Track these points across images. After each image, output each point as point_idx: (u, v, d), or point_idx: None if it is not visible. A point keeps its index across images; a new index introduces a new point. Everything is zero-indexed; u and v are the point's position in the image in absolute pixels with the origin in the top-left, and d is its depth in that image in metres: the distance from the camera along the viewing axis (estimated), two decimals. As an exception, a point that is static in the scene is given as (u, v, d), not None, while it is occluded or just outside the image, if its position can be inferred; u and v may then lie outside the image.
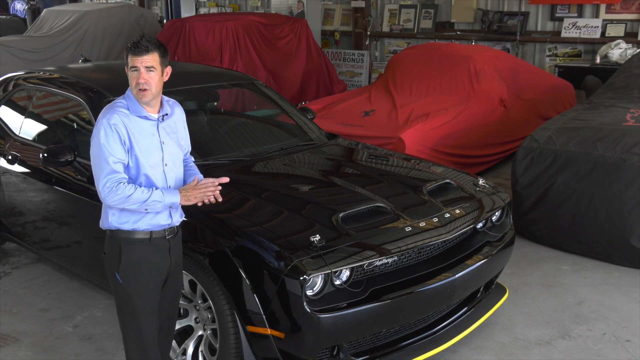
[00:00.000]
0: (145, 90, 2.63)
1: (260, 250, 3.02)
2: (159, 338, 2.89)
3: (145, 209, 2.65)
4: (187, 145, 2.98)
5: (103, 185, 2.60)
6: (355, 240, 3.11)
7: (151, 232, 2.73)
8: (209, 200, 2.75)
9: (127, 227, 2.70)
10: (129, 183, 2.63)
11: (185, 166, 2.96)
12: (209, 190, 2.72)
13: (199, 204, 2.76)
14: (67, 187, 3.92)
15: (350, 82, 11.08)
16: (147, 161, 2.68)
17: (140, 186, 2.67)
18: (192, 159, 3.06)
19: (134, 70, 2.62)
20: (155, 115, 2.73)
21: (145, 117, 2.70)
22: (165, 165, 2.74)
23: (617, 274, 4.62)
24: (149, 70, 2.62)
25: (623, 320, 3.99)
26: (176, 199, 2.68)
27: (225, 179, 2.80)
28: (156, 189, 2.66)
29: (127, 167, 2.66)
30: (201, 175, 2.96)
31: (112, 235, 2.73)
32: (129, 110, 2.67)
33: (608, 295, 4.32)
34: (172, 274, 2.85)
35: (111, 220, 2.70)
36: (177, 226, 2.85)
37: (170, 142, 2.78)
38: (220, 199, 2.77)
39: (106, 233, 2.75)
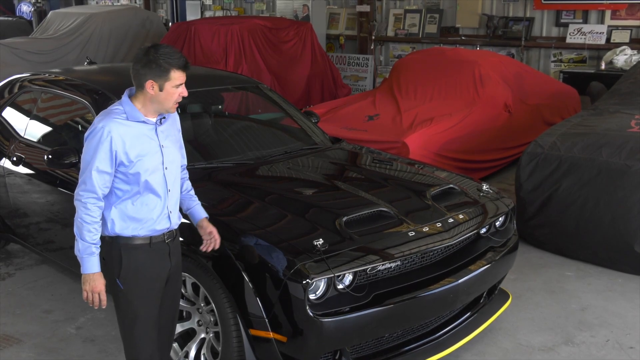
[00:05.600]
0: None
1: (263, 253, 3.02)
2: (159, 340, 2.89)
3: (75, 239, 2.67)
4: (184, 156, 2.98)
5: (78, 193, 2.64)
6: (358, 245, 3.11)
7: (151, 238, 2.73)
8: (89, 301, 2.71)
9: (127, 233, 2.70)
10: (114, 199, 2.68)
11: (186, 192, 3.00)
12: (94, 301, 2.70)
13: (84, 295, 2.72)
14: (71, 189, 3.92)
15: (355, 86, 11.09)
16: (147, 166, 2.67)
17: (139, 194, 2.68)
18: (190, 184, 3.06)
19: (179, 86, 2.64)
20: (154, 119, 2.73)
21: (144, 122, 2.69)
22: (166, 168, 2.74)
23: (621, 281, 4.60)
24: None
25: (627, 327, 3.98)
26: (86, 268, 2.66)
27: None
28: (94, 244, 2.64)
29: (126, 174, 2.65)
30: (204, 213, 3.01)
31: (112, 241, 2.72)
32: (126, 115, 2.66)
33: (612, 301, 4.30)
34: (172, 276, 2.86)
35: (111, 226, 2.69)
36: (175, 229, 2.85)
37: (170, 145, 2.78)
38: (96, 307, 2.72)
39: (105, 239, 2.73)
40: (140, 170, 2.66)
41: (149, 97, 2.64)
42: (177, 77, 2.61)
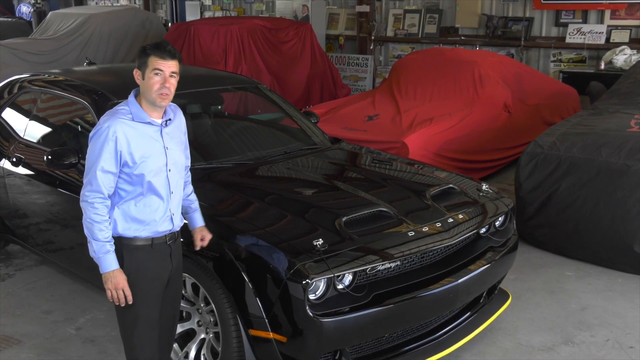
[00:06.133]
0: (167, 95, 2.64)
1: (263, 253, 3.02)
2: (159, 341, 2.88)
3: (88, 241, 2.67)
4: (188, 157, 2.98)
5: (84, 194, 2.65)
6: (358, 245, 3.11)
7: (152, 239, 2.74)
8: (115, 299, 2.70)
9: (129, 234, 2.70)
10: (118, 200, 2.68)
11: (186, 197, 2.99)
12: (120, 298, 2.68)
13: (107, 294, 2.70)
14: (71, 190, 3.93)
15: (354, 86, 11.09)
16: (151, 167, 2.68)
17: (142, 195, 2.68)
18: (195, 196, 3.07)
19: (158, 73, 2.61)
20: (159, 121, 2.73)
21: (149, 123, 2.69)
22: (169, 170, 2.74)
23: (621, 280, 4.60)
24: (172, 76, 2.64)
25: (627, 327, 3.98)
26: (104, 267, 2.64)
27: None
28: (108, 242, 2.64)
29: (129, 175, 2.66)
30: (202, 221, 3.04)
31: (114, 242, 2.71)
32: (132, 116, 2.67)
33: (612, 301, 4.30)
34: (172, 278, 2.86)
35: (113, 227, 2.69)
36: (177, 231, 2.85)
37: (174, 147, 2.78)
38: (123, 304, 2.71)
39: None
40: (144, 172, 2.66)
41: (140, 89, 2.67)
42: (154, 62, 2.60)
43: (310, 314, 2.89)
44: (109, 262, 2.65)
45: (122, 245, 2.71)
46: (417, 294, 3.19)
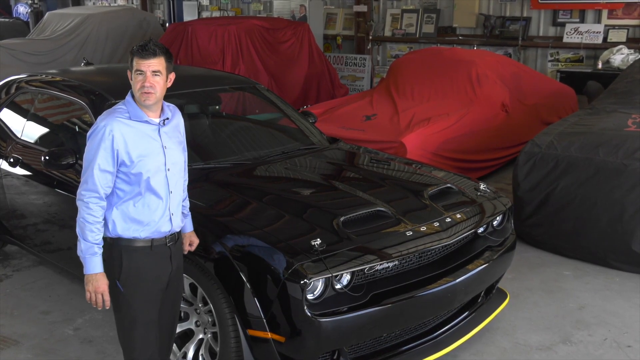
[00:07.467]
0: (149, 93, 2.61)
1: (261, 253, 3.02)
2: (159, 342, 2.87)
3: (78, 239, 2.68)
4: (185, 159, 2.93)
5: (80, 193, 2.66)
6: (356, 245, 3.11)
7: (152, 240, 2.73)
8: (93, 302, 2.70)
9: (128, 235, 2.69)
10: (113, 200, 2.68)
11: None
12: (97, 302, 2.69)
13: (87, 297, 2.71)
14: (68, 190, 3.93)
15: (352, 86, 11.09)
16: (149, 166, 2.67)
17: (140, 195, 2.67)
18: (188, 202, 3.02)
19: (140, 73, 2.61)
20: (157, 120, 2.72)
21: (147, 122, 2.69)
22: (168, 170, 2.73)
23: (619, 280, 4.61)
24: (155, 75, 2.62)
25: (624, 326, 3.98)
26: (89, 268, 2.66)
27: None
28: (97, 244, 2.64)
29: (127, 175, 2.65)
30: (191, 227, 3.03)
31: (113, 243, 2.71)
32: (129, 115, 2.67)
33: (609, 300, 4.31)
34: (173, 279, 2.85)
35: (112, 228, 2.69)
36: (177, 232, 2.85)
37: (173, 147, 2.77)
38: (99, 308, 2.71)
39: (106, 241, 2.72)
40: (142, 171, 2.65)
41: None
42: (136, 63, 2.62)
43: (309, 314, 2.89)
44: (94, 264, 2.66)
45: (120, 246, 2.70)
46: (415, 294, 3.19)
